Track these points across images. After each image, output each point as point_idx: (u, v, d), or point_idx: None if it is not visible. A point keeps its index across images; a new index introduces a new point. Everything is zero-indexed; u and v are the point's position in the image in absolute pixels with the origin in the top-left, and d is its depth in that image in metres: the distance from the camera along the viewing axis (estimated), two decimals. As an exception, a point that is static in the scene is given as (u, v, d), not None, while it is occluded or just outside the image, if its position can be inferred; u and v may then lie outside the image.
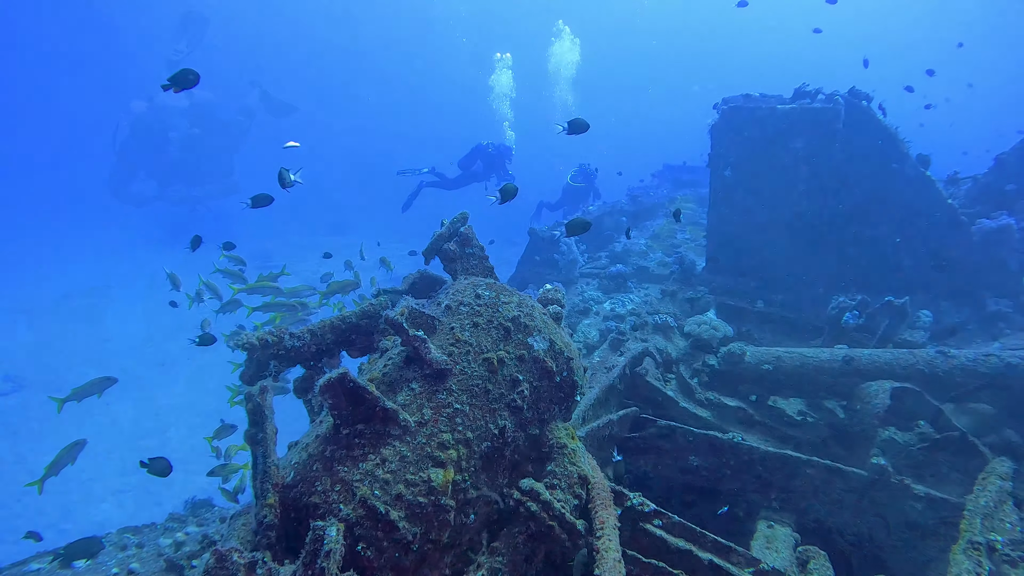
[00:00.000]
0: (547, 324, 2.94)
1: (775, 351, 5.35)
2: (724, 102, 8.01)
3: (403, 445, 2.49)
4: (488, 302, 2.89)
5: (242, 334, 2.59)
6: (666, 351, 5.74)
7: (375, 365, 2.87)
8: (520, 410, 2.73)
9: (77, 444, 6.80)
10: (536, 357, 2.81)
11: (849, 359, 4.95)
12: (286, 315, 7.65)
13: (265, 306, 7.63)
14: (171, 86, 4.14)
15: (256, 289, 7.85)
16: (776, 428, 5.09)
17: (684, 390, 5.37)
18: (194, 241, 6.78)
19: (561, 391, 2.92)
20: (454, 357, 2.70)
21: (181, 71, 4.20)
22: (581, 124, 4.99)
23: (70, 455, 6.74)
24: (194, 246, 6.76)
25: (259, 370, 2.70)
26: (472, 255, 3.14)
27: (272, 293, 7.82)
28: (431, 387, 2.63)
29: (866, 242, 6.96)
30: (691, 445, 4.75)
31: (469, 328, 2.80)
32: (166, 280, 8.07)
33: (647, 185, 20.16)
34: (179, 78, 4.21)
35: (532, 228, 12.36)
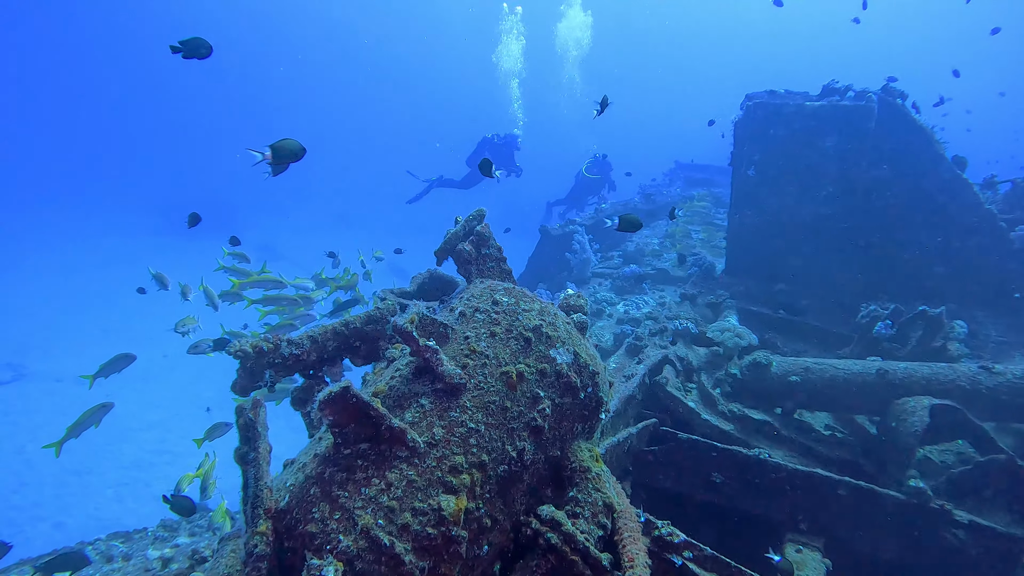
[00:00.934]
0: (571, 334, 2.69)
1: (803, 361, 5.08)
2: (748, 98, 7.72)
3: (411, 468, 2.25)
4: (507, 309, 2.64)
5: (234, 341, 2.34)
6: (687, 359, 5.48)
7: (381, 377, 2.62)
8: (541, 430, 2.48)
9: (104, 407, 6.55)
10: (559, 371, 2.56)
11: (883, 372, 4.68)
12: (286, 309, 7.41)
13: (266, 299, 7.41)
14: (180, 50, 3.85)
15: (258, 283, 7.61)
16: (803, 444, 4.83)
17: (706, 401, 5.11)
18: (192, 218, 6.55)
19: (585, 409, 2.67)
20: (469, 370, 2.45)
21: (193, 38, 3.91)
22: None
23: (95, 417, 6.48)
24: (192, 223, 6.53)
25: (253, 380, 2.46)
26: (489, 256, 2.89)
27: (274, 287, 7.58)
28: (443, 404, 2.39)
29: (896, 247, 6.68)
30: (714, 461, 4.50)
31: (486, 338, 2.55)
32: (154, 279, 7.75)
33: (659, 183, 19.90)
34: (190, 45, 3.88)
35: (543, 225, 12.13)
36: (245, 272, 7.86)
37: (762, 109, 6.95)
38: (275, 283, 7.57)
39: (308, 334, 2.62)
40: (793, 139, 6.77)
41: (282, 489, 2.34)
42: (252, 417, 2.23)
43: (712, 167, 20.91)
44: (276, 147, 3.40)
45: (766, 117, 6.93)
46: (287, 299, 7.46)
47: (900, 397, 4.56)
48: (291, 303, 7.42)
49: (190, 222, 6.26)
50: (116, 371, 6.86)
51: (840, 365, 4.94)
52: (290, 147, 3.43)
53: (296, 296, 7.44)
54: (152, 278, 7.47)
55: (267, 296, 7.44)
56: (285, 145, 3.43)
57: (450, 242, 2.87)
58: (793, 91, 7.74)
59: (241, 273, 7.84)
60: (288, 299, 7.43)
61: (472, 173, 16.98)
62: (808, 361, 5.07)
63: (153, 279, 7.47)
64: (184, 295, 7.34)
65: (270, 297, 7.43)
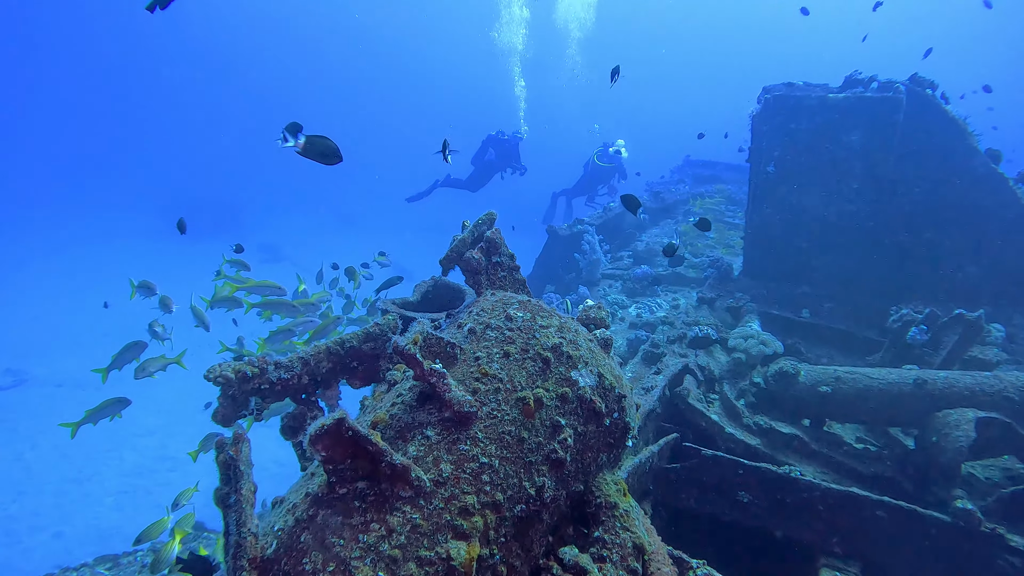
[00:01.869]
0: (594, 353, 2.41)
1: (833, 370, 4.78)
2: (765, 91, 7.42)
3: (415, 511, 1.98)
4: (522, 325, 2.37)
5: (215, 366, 2.08)
6: (708, 367, 5.20)
7: (381, 402, 2.35)
8: (562, 463, 2.21)
9: (121, 401, 6.40)
10: (582, 396, 2.28)
11: (922, 382, 4.38)
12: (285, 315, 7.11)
13: (265, 303, 7.11)
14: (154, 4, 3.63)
15: (256, 288, 7.29)
16: (835, 459, 4.54)
17: (729, 413, 4.83)
18: (180, 225, 6.28)
19: (611, 436, 2.40)
20: (480, 396, 2.18)
21: None
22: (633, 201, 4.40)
23: (113, 409, 6.34)
24: (181, 229, 6.26)
25: (236, 409, 2.19)
26: (500, 265, 2.61)
27: (274, 293, 7.27)
28: (451, 435, 2.12)
29: (925, 246, 6.37)
30: (741, 478, 4.21)
31: (499, 359, 2.28)
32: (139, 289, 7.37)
33: (667, 180, 19.59)
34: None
35: (550, 225, 11.83)
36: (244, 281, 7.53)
37: (782, 102, 6.65)
38: (275, 289, 7.26)
39: (299, 355, 2.35)
40: (816, 133, 6.48)
41: (269, 534, 2.07)
42: (233, 455, 1.97)
43: (720, 163, 20.60)
44: (310, 139, 3.27)
45: (787, 110, 6.63)
46: (287, 305, 7.17)
47: (940, 409, 4.26)
48: (291, 310, 7.12)
49: (180, 228, 5.98)
50: (109, 416, 6.57)
51: (874, 374, 4.64)
52: (323, 145, 3.29)
53: (297, 303, 7.13)
54: (137, 288, 7.13)
55: (266, 300, 7.14)
56: (320, 142, 3.30)
57: (457, 249, 2.60)
58: (812, 83, 7.43)
59: (240, 282, 7.54)
60: (288, 305, 7.13)
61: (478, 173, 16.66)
62: (839, 370, 4.77)
63: (138, 289, 7.13)
64: (165, 307, 7.00)
65: (270, 303, 7.14)
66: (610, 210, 13.71)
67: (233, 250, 7.88)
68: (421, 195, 17.43)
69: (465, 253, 2.58)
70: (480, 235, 2.65)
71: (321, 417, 2.06)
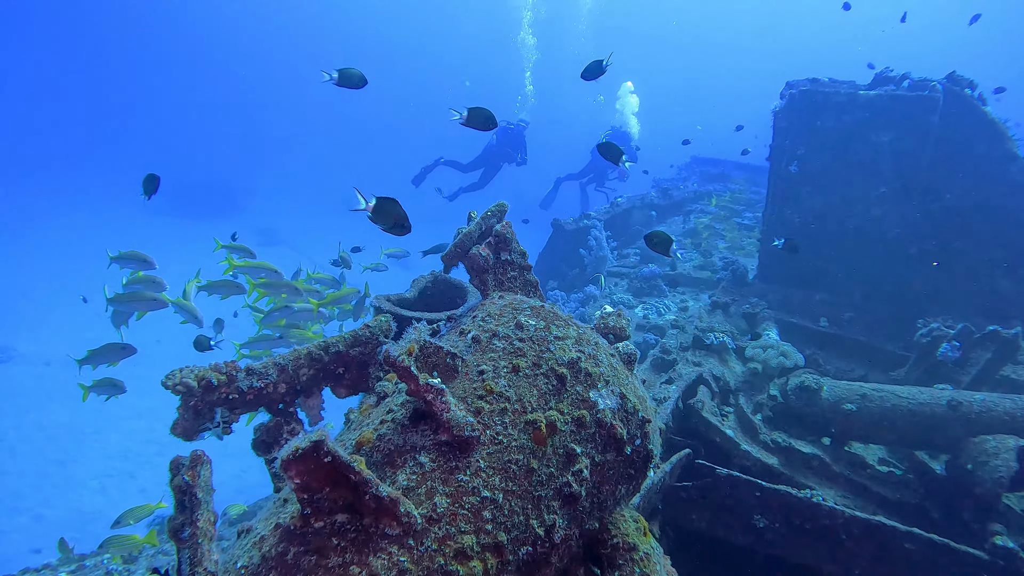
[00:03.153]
0: (616, 371, 2.11)
1: (858, 387, 4.49)
2: (788, 86, 7.10)
3: (403, 553, 1.68)
4: (534, 336, 2.06)
5: (175, 372, 1.78)
6: (723, 378, 4.90)
7: (368, 418, 2.05)
8: (576, 499, 1.91)
9: (125, 348, 5.88)
10: (601, 420, 1.99)
11: (956, 404, 4.09)
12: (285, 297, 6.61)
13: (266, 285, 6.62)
14: None
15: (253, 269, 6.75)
16: (858, 482, 4.25)
17: (745, 428, 4.54)
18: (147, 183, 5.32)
19: (631, 466, 2.10)
20: (483, 418, 1.88)
21: None
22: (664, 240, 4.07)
23: (115, 354, 5.83)
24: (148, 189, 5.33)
25: (198, 421, 1.89)
26: (510, 264, 2.31)
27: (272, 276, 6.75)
28: (448, 463, 1.82)
29: (955, 256, 6.07)
30: (757, 501, 3.93)
31: (506, 374, 1.98)
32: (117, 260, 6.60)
33: (674, 178, 19.27)
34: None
35: (556, 219, 11.52)
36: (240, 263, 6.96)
37: (808, 98, 6.33)
38: (271, 272, 6.76)
39: (274, 361, 2.06)
40: (843, 132, 6.16)
41: (231, 572, 1.78)
42: (189, 480, 1.67)
43: (728, 162, 20.29)
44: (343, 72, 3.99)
45: (812, 107, 6.31)
46: (287, 286, 6.68)
47: (976, 434, 3.98)
48: (292, 292, 6.62)
49: (145, 189, 5.14)
50: (109, 361, 6.02)
51: (902, 393, 4.35)
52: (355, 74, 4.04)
53: (299, 285, 6.63)
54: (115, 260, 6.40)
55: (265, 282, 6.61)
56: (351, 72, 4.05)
57: (462, 244, 2.29)
58: (838, 80, 7.11)
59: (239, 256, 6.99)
60: (289, 287, 6.62)
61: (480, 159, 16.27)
62: (864, 387, 4.48)
63: (117, 260, 6.40)
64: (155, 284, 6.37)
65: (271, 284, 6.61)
66: (617, 205, 13.40)
67: (231, 238, 7.41)
68: (424, 173, 16.96)
69: (471, 249, 2.27)
70: (488, 229, 2.34)
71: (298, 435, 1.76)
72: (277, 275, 6.62)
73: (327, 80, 3.98)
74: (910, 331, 5.87)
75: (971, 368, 5.02)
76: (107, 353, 5.86)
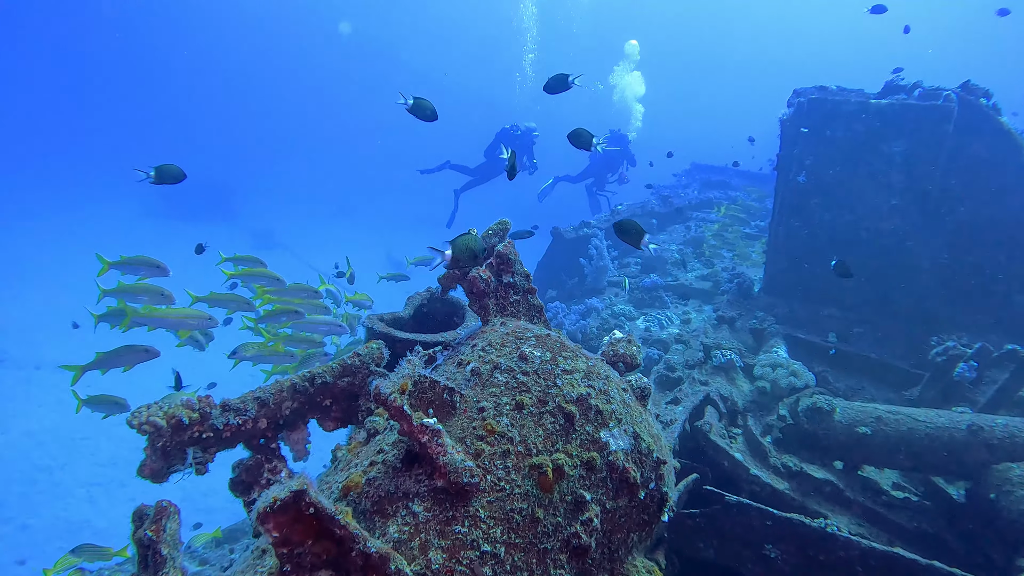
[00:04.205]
0: (629, 407, 1.94)
1: (873, 408, 4.32)
2: (796, 94, 6.95)
3: (393, 616, 1.50)
4: (540, 369, 1.89)
5: (140, 409, 1.61)
6: (731, 398, 4.73)
7: (358, 458, 1.88)
8: (585, 551, 1.74)
9: (148, 351, 5.14)
10: (613, 463, 1.82)
11: (977, 429, 3.93)
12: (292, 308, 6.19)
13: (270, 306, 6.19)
14: None
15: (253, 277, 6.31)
16: (873, 510, 4.08)
17: (754, 451, 4.37)
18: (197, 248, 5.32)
19: (645, 511, 1.93)
20: (484, 461, 1.72)
21: None
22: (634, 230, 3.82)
23: (131, 358, 5.08)
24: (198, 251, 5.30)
25: (168, 462, 1.72)
26: (513, 287, 2.14)
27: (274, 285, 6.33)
28: (445, 512, 1.65)
29: (969, 271, 5.91)
30: (768, 530, 3.75)
31: (509, 412, 1.81)
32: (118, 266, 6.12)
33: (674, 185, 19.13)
34: None
35: (555, 227, 11.37)
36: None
37: (817, 106, 6.18)
38: (273, 280, 6.30)
39: (254, 395, 1.89)
40: (854, 142, 6.01)
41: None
42: (152, 535, 1.49)
43: (728, 169, 20.17)
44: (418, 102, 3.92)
45: (822, 116, 6.16)
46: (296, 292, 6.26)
47: (999, 461, 3.81)
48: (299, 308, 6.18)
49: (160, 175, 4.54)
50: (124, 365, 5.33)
51: (919, 416, 4.18)
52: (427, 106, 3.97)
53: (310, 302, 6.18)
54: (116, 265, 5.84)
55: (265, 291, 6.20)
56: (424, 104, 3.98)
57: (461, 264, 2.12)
58: (846, 88, 6.96)
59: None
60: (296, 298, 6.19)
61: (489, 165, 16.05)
62: (879, 408, 4.31)
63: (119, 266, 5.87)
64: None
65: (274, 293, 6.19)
66: (618, 213, 13.24)
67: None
68: (431, 171, 16.76)
69: (471, 271, 2.10)
70: (490, 249, 2.17)
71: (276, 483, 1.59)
72: (280, 283, 6.23)
73: (401, 103, 3.95)
74: (922, 347, 5.71)
75: (987, 388, 4.86)
76: (124, 356, 5.16)
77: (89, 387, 5.80)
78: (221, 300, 6.02)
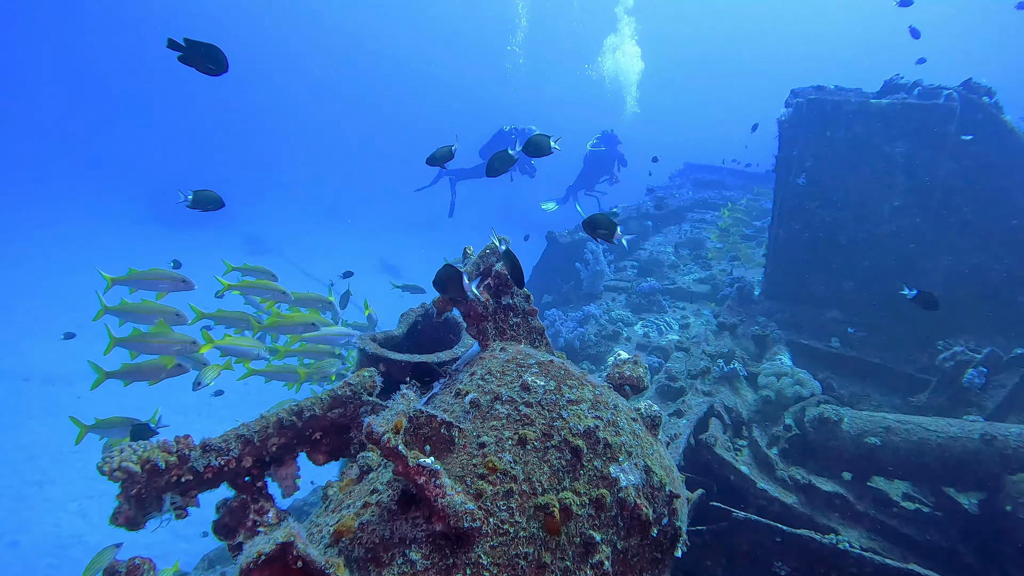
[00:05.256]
0: (639, 439, 1.83)
1: (882, 418, 4.22)
2: (794, 94, 6.87)
3: (390, 678, 1.40)
4: (544, 400, 1.78)
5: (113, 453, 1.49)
6: (736, 408, 4.63)
7: (350, 497, 1.76)
8: (595, 597, 1.62)
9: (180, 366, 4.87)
10: (623, 500, 1.70)
11: (990, 438, 3.83)
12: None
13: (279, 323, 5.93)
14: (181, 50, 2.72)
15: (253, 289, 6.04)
16: (883, 522, 3.98)
17: (761, 463, 4.26)
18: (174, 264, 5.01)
19: (657, 549, 1.82)
20: (486, 502, 1.60)
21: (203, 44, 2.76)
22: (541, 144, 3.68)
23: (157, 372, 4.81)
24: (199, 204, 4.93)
25: (143, 510, 1.59)
26: (512, 309, 2.03)
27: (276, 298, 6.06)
28: (444, 559, 1.54)
29: (973, 273, 5.83)
30: (778, 547, 3.65)
31: (512, 447, 1.69)
32: None
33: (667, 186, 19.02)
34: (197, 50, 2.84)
35: (550, 232, 11.26)
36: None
37: (817, 107, 6.09)
38: (279, 293, 6.00)
39: (237, 432, 1.77)
40: (855, 143, 5.92)
41: None
42: (126, 596, 1.37)
43: (723, 168, 20.07)
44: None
45: (822, 117, 6.07)
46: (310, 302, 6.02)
47: (1014, 472, 3.72)
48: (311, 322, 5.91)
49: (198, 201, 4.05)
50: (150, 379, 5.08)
51: (930, 425, 4.08)
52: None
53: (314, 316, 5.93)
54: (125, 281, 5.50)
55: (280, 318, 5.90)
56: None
57: (457, 287, 2.00)
58: (844, 87, 6.88)
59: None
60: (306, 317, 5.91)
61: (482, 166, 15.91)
62: (888, 418, 4.21)
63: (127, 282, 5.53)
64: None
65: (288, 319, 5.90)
66: (615, 216, 13.13)
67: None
68: (426, 187, 16.59)
69: (468, 293, 1.98)
70: (487, 269, 2.05)
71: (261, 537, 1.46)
72: (285, 296, 5.98)
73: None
74: (927, 351, 5.63)
75: (995, 392, 4.77)
76: (148, 372, 4.90)
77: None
78: (228, 319, 5.84)
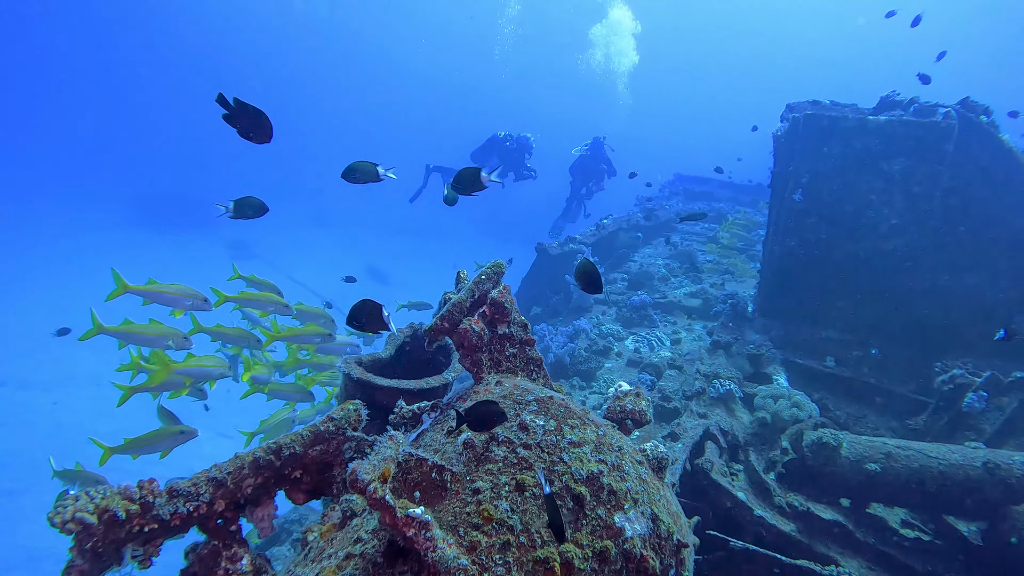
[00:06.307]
0: (646, 484, 1.71)
1: (882, 443, 4.13)
2: (789, 109, 6.82)
3: None
4: (543, 441, 1.65)
5: (67, 503, 1.34)
6: (732, 432, 4.52)
7: (331, 546, 1.62)
8: (598, 661, 1.49)
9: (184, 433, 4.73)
10: (629, 552, 1.58)
11: (993, 467, 3.75)
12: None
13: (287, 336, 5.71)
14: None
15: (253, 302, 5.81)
16: (884, 551, 3.88)
17: (757, 489, 4.15)
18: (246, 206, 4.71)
19: (663, 603, 1.68)
20: (481, 556, 1.47)
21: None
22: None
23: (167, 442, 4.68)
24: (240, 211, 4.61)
25: (100, 565, 1.44)
26: (509, 339, 1.90)
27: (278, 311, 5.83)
28: (434, 621, 1.39)
29: (970, 292, 5.77)
30: (776, 579, 3.53)
31: (509, 494, 1.56)
32: None
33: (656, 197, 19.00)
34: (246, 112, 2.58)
35: (540, 243, 11.14)
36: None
37: (814, 122, 6.03)
38: (281, 307, 5.76)
39: (208, 475, 1.62)
40: (853, 159, 5.86)
41: None
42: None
43: (713, 180, 20.10)
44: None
45: (819, 132, 6.01)
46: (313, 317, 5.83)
47: (1019, 502, 3.63)
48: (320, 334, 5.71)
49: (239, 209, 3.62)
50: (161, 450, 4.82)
51: (931, 452, 3.99)
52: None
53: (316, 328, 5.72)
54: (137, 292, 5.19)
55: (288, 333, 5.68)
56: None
57: (450, 317, 1.87)
58: (840, 103, 6.84)
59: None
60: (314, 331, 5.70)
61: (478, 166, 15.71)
62: (888, 443, 4.12)
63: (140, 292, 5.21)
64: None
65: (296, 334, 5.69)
66: (603, 227, 13.04)
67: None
68: (419, 191, 16.33)
69: (461, 322, 1.85)
70: (482, 296, 1.93)
71: None
72: (287, 309, 5.77)
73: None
74: (924, 372, 5.57)
75: (994, 415, 4.70)
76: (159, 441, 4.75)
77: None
78: (227, 335, 5.67)
